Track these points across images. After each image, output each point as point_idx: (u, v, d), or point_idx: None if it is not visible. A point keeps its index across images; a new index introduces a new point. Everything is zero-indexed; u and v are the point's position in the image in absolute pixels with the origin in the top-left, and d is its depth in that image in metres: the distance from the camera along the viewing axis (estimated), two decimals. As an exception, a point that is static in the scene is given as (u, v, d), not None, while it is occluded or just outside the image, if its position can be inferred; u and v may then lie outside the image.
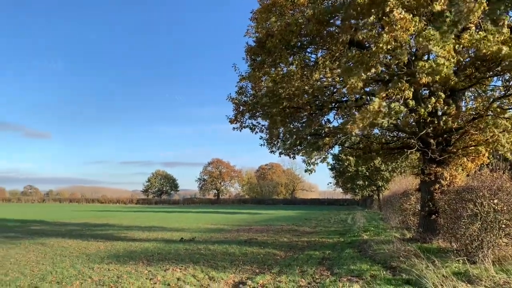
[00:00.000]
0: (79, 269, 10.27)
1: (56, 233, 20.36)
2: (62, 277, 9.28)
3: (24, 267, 10.76)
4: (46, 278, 9.16)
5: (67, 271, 10.01)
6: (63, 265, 10.90)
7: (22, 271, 10.18)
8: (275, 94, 12.24)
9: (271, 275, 9.36)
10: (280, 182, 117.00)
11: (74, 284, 8.54)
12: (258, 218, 34.78)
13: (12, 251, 13.83)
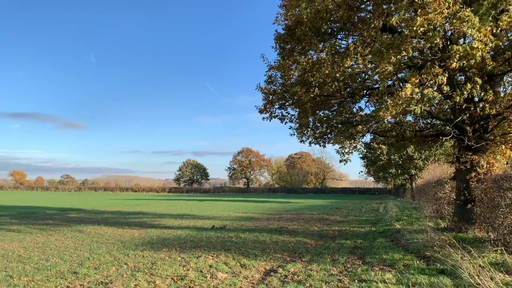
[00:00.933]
0: (115, 256, 10.59)
1: (92, 221, 21.04)
2: (99, 263, 9.59)
3: (63, 253, 11.18)
4: (84, 264, 9.49)
5: (103, 257, 10.35)
6: (100, 252, 11.27)
7: (62, 256, 10.59)
8: (305, 82, 12.10)
9: (302, 263, 9.37)
10: (310, 171, 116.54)
11: (110, 270, 8.81)
12: (288, 207, 34.80)
13: (51, 237, 14.38)
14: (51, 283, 7.63)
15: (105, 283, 7.56)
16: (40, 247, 12.21)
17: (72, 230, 16.59)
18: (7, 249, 11.83)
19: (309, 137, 14.95)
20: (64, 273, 8.47)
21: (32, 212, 27.50)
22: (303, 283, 7.37)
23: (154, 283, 7.56)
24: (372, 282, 7.18)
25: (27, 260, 10.08)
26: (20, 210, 30.05)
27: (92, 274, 8.41)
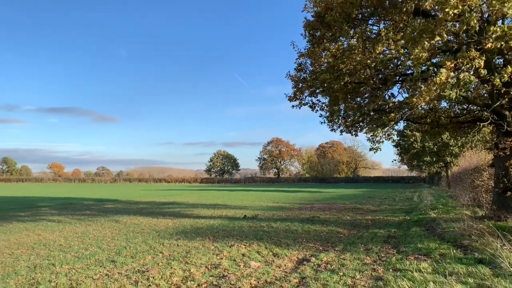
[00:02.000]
0: (151, 245, 10.86)
1: (128, 211, 21.61)
2: (135, 252, 9.86)
3: (101, 242, 11.55)
4: (121, 253, 9.78)
5: (139, 246, 10.62)
6: (136, 241, 11.57)
7: (100, 245, 10.94)
8: (336, 69, 11.92)
9: (335, 253, 9.33)
10: (341, 160, 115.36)
11: (146, 259, 9.04)
12: (320, 197, 34.64)
13: (90, 227, 14.88)
14: (90, 271, 7.91)
15: (142, 271, 7.77)
16: (79, 236, 12.66)
17: (108, 220, 17.10)
18: (49, 238, 12.31)
19: (340, 126, 14.78)
20: (103, 262, 8.76)
21: (70, 203, 28.52)
22: (337, 272, 7.34)
23: (189, 271, 7.70)
24: (407, 271, 7.06)
25: (68, 249, 10.47)
26: (59, 201, 31.20)
27: (129, 262, 8.66)
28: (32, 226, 15.21)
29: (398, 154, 57.43)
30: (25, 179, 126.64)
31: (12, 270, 8.11)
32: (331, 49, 12.24)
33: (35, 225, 15.51)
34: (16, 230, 14.25)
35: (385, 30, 11.22)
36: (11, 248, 10.76)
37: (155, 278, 7.18)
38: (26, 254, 9.79)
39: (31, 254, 9.85)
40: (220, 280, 7.02)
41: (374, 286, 6.33)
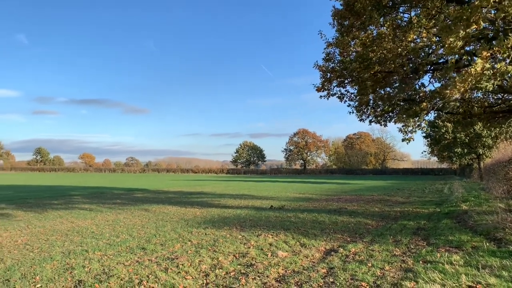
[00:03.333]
0: (180, 233, 11.03)
1: (157, 200, 22.01)
2: (165, 240, 10.04)
3: (131, 230, 11.81)
4: (151, 240, 9.98)
5: (169, 234, 10.81)
6: (165, 229, 11.78)
7: (130, 233, 11.19)
8: (365, 58, 11.66)
9: (363, 244, 9.25)
10: (369, 152, 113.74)
11: (176, 246, 9.20)
12: (347, 188, 34.34)
13: (120, 216, 15.24)
14: (122, 257, 8.10)
15: (172, 258, 7.91)
16: (110, 224, 12.98)
17: (138, 209, 17.47)
18: (81, 226, 12.68)
19: (369, 116, 14.52)
20: (134, 249, 8.96)
21: (101, 192, 29.27)
22: (365, 263, 7.28)
23: (217, 259, 7.79)
24: (438, 264, 6.93)
25: (100, 236, 10.76)
26: (91, 190, 32.07)
27: (159, 250, 8.83)
28: (66, 214, 15.70)
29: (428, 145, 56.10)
30: (57, 168, 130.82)
31: (48, 255, 8.40)
32: (360, 38, 11.98)
33: (68, 213, 16.00)
34: (51, 217, 14.74)
35: (416, 17, 10.89)
36: (46, 234, 11.14)
37: (184, 265, 7.30)
38: (60, 240, 10.12)
39: (65, 240, 10.17)
40: (248, 268, 7.07)
41: (403, 278, 6.24)
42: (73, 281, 6.38)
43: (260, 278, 6.45)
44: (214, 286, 6.04)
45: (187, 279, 6.41)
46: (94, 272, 6.92)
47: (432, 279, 5.98)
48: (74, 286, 6.14)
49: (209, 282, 6.26)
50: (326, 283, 6.11)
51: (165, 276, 6.56)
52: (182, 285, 6.09)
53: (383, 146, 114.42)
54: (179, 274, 6.74)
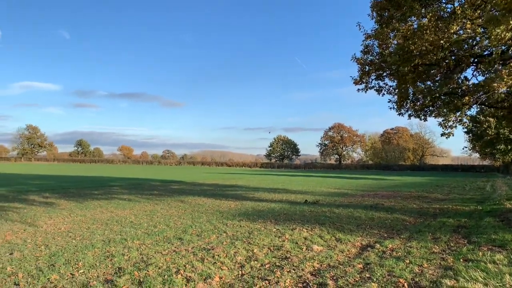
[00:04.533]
0: (215, 224, 11.18)
1: (192, 192, 22.37)
2: (200, 231, 10.20)
3: (168, 220, 12.07)
4: (187, 231, 10.16)
5: (204, 226, 10.97)
6: (201, 220, 11.96)
7: (167, 223, 11.44)
8: (406, 51, 11.34)
9: (400, 240, 9.06)
10: (407, 147, 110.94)
11: (211, 237, 9.33)
12: (384, 184, 33.68)
13: (157, 206, 15.59)
14: (159, 247, 8.30)
15: (207, 249, 8.03)
16: (148, 214, 13.31)
17: (175, 200, 17.82)
18: (121, 215, 13.07)
19: (408, 110, 14.15)
20: (171, 239, 9.15)
21: (139, 184, 30.04)
22: (403, 260, 7.13)
23: (252, 251, 7.84)
24: (479, 262, 6.70)
25: (138, 226, 11.06)
26: (129, 181, 32.96)
27: (195, 240, 8.98)
28: (105, 204, 16.22)
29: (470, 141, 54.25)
30: (97, 160, 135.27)
31: (89, 242, 8.71)
32: (400, 30, 11.65)
33: (107, 203, 16.53)
34: (91, 207, 15.27)
35: (460, 8, 10.48)
36: (87, 223, 11.55)
37: (220, 256, 7.40)
38: (100, 229, 10.47)
39: (105, 229, 10.51)
40: (283, 261, 7.08)
41: (443, 275, 6.08)
42: (113, 268, 6.60)
43: (295, 271, 6.45)
44: (250, 278, 6.09)
45: (223, 270, 6.49)
46: (133, 260, 7.13)
47: (474, 278, 5.79)
48: (114, 272, 6.35)
49: (245, 274, 6.32)
50: (362, 279, 6.03)
51: (201, 266, 6.67)
52: (218, 275, 6.18)
53: (421, 142, 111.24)
54: (215, 264, 6.84)
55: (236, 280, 5.98)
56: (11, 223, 11.38)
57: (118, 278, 5.96)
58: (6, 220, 11.86)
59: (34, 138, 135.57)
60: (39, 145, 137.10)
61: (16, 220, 11.90)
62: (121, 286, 5.63)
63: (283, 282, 5.86)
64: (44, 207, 14.80)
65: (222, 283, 5.87)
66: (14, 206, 15.00)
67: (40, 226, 10.84)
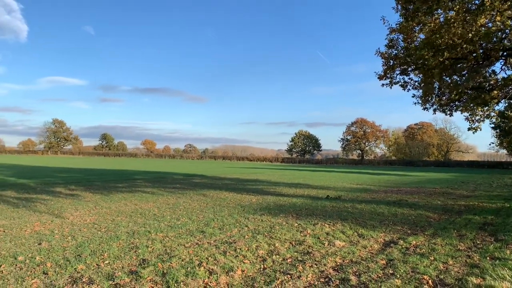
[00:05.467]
0: (236, 218, 11.25)
1: (214, 186, 22.54)
2: (222, 224, 10.28)
3: (191, 213, 12.20)
4: (210, 224, 10.26)
5: (226, 219, 11.06)
6: (222, 214, 12.06)
7: (190, 216, 11.57)
8: (432, 44, 11.07)
9: (424, 237, 8.93)
10: (431, 143, 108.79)
11: (233, 231, 9.39)
12: (407, 180, 33.18)
13: (180, 200, 15.78)
14: (182, 239, 8.41)
15: (229, 242, 8.09)
16: (171, 207, 13.49)
17: (197, 194, 17.99)
18: (144, 208, 13.28)
19: (433, 105, 13.86)
20: (193, 232, 9.26)
21: (162, 177, 30.43)
22: (427, 257, 7.03)
23: (274, 245, 7.87)
24: (507, 261, 6.55)
25: (161, 218, 11.22)
26: (152, 175, 33.43)
27: (217, 233, 9.06)
28: (129, 196, 16.51)
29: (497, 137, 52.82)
30: (121, 153, 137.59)
31: (114, 234, 8.90)
32: (426, 23, 11.37)
33: (131, 196, 16.82)
34: (116, 199, 15.57)
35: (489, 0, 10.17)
36: (112, 215, 11.79)
37: (242, 249, 7.45)
38: (125, 221, 10.67)
39: (129, 221, 10.71)
40: (305, 256, 7.08)
41: (469, 273, 5.97)
42: (137, 260, 6.73)
43: (317, 266, 6.44)
44: (272, 271, 6.11)
45: (245, 263, 6.53)
46: (157, 252, 7.25)
47: (501, 277, 5.67)
48: (138, 264, 6.47)
49: (267, 267, 6.35)
50: (385, 275, 5.98)
51: (223, 259, 6.73)
52: (240, 268, 6.22)
53: (446, 137, 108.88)
54: (237, 257, 6.89)
55: (258, 274, 6.01)
56: (39, 214, 11.72)
57: (142, 270, 6.08)
58: (35, 211, 12.22)
59: (60, 132, 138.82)
60: (65, 139, 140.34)
61: (43, 211, 12.25)
62: (146, 277, 5.74)
63: (305, 277, 5.87)
64: (70, 199, 15.18)
65: (244, 276, 5.91)
66: (41, 198, 15.44)
67: (66, 218, 11.13)
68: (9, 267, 6.21)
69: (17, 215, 11.37)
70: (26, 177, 27.31)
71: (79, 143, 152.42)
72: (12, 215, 11.44)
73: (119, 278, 5.67)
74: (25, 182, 22.88)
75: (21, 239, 8.27)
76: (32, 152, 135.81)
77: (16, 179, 25.16)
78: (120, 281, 5.57)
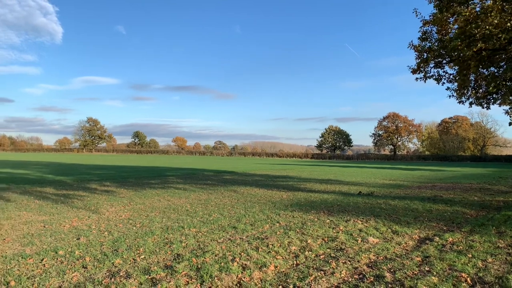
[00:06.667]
0: (267, 214, 11.27)
1: (244, 182, 22.66)
2: (254, 220, 10.33)
3: (222, 209, 12.32)
4: (241, 220, 10.33)
5: (257, 215, 11.10)
6: (254, 210, 12.11)
7: (221, 212, 11.69)
8: (468, 35, 10.71)
9: (461, 234, 8.69)
10: (467, 137, 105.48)
11: (265, 227, 9.42)
12: (442, 175, 32.32)
13: (211, 196, 15.95)
14: (215, 234, 8.51)
15: (261, 238, 8.12)
16: (202, 203, 13.66)
17: (227, 190, 18.14)
18: (177, 204, 13.51)
19: (469, 98, 13.41)
20: (225, 227, 9.35)
21: (193, 173, 30.83)
22: (464, 254, 6.84)
23: (306, 241, 7.84)
24: (551, 259, 6.29)
25: (194, 214, 11.38)
26: (183, 171, 33.91)
27: (249, 229, 9.12)
28: (162, 192, 16.82)
29: (537, 130, 50.53)
30: (153, 151, 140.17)
31: (149, 229, 9.09)
32: (462, 13, 10.99)
33: (164, 192, 17.13)
34: (149, 195, 15.90)
35: (529, -14, 9.75)
36: (146, 210, 12.05)
37: (274, 245, 7.47)
38: (159, 217, 10.89)
39: (163, 217, 10.92)
40: (338, 252, 7.03)
41: (510, 271, 5.77)
42: (172, 254, 6.85)
43: (351, 262, 6.38)
44: (305, 268, 6.10)
45: (278, 259, 6.55)
46: (190, 247, 7.37)
47: (545, 275, 5.45)
48: (173, 259, 6.59)
49: (299, 263, 6.34)
50: (421, 272, 5.86)
51: (256, 255, 6.77)
52: (273, 264, 6.24)
53: (483, 131, 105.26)
54: (269, 253, 6.91)
55: (291, 270, 6.01)
56: (77, 210, 12.11)
57: (177, 264, 6.19)
58: (72, 207, 12.63)
59: (95, 130, 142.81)
60: (99, 137, 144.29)
61: (81, 207, 12.65)
62: (180, 271, 5.84)
63: (338, 273, 5.83)
64: (106, 195, 15.60)
65: (277, 272, 5.93)
66: (78, 194, 15.94)
67: (102, 213, 11.45)
68: (50, 261, 6.46)
69: (56, 211, 11.78)
70: (63, 174, 28.26)
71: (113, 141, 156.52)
72: (51, 210, 11.87)
73: (155, 273, 5.79)
74: (63, 179, 23.68)
75: (60, 234, 8.57)
76: (68, 150, 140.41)
77: (54, 176, 26.07)
78: (156, 275, 5.69)
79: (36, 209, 12.19)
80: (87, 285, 5.27)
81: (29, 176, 25.52)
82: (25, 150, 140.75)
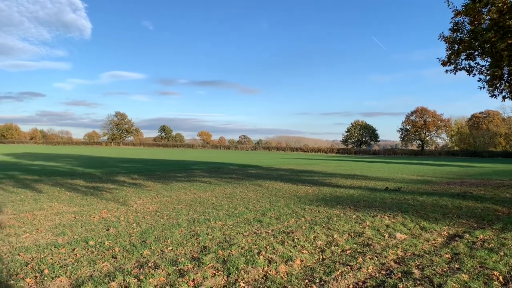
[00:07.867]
0: (293, 209, 11.26)
1: (269, 177, 22.68)
2: (279, 214, 10.34)
3: (247, 203, 12.38)
4: (266, 214, 10.35)
5: (282, 210, 11.10)
6: (279, 204, 12.11)
7: (247, 206, 11.74)
8: (501, 26, 10.34)
9: (492, 231, 8.46)
10: (498, 132, 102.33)
11: (290, 221, 9.42)
12: (471, 172, 31.50)
13: (236, 189, 16.03)
14: (241, 228, 8.57)
15: (287, 232, 8.12)
16: (228, 197, 13.75)
17: (252, 184, 18.20)
18: (203, 197, 13.65)
19: (502, 91, 12.97)
20: (251, 221, 9.40)
21: (218, 167, 31.05)
22: (496, 251, 6.66)
23: (332, 236, 7.80)
24: None
25: (219, 207, 11.48)
26: (209, 165, 34.19)
27: (274, 223, 9.13)
28: (188, 186, 17.02)
29: None
30: (178, 145, 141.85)
31: (176, 222, 9.23)
32: (495, 4, 10.62)
33: (190, 185, 17.33)
34: (176, 188, 16.11)
35: None
36: (173, 203, 12.23)
37: (299, 240, 7.45)
38: (185, 210, 11.03)
39: (189, 209, 11.06)
40: (365, 248, 6.96)
41: (545, 271, 5.58)
42: (199, 247, 6.94)
43: (378, 258, 6.31)
44: (331, 262, 6.06)
45: (303, 253, 6.54)
46: (216, 240, 7.44)
47: None
48: (200, 251, 6.67)
49: (326, 258, 6.31)
50: (451, 269, 5.74)
51: (282, 249, 6.78)
52: (299, 258, 6.23)
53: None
54: (295, 247, 6.90)
55: (317, 264, 5.99)
56: (106, 202, 12.40)
57: (203, 256, 6.26)
58: (101, 199, 12.94)
59: (122, 124, 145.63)
60: (127, 131, 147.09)
61: (109, 199, 12.94)
62: (207, 264, 5.90)
63: (365, 269, 5.77)
64: (133, 188, 15.90)
65: (304, 266, 5.92)
66: (107, 187, 16.30)
67: (130, 205, 11.69)
68: (81, 250, 6.64)
69: (86, 203, 12.09)
70: (92, 167, 28.96)
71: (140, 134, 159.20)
72: (81, 202, 12.19)
73: (182, 264, 5.88)
74: (92, 171, 24.27)
75: (90, 225, 8.79)
76: (97, 144, 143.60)
77: (84, 169, 26.74)
78: (184, 266, 5.77)
79: (67, 200, 12.54)
80: (117, 275, 5.39)
81: (60, 169, 26.27)
82: (56, 143, 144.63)
